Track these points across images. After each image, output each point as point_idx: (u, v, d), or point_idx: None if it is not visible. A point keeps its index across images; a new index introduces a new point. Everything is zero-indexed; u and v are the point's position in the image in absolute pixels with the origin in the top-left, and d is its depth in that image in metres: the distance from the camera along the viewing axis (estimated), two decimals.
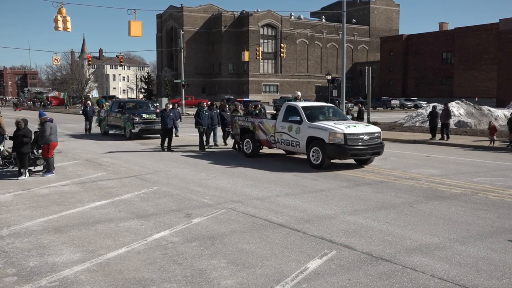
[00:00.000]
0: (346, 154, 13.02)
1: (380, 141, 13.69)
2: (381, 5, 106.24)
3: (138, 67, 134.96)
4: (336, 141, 12.86)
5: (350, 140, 12.88)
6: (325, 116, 14.60)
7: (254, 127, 15.89)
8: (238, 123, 16.92)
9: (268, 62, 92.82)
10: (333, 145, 12.89)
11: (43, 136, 12.67)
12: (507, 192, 10.26)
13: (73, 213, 8.67)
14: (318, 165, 13.30)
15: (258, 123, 15.76)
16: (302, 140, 13.81)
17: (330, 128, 13.07)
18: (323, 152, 13.12)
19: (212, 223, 7.92)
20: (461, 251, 6.45)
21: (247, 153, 16.15)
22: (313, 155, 13.50)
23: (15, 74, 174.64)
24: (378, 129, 13.96)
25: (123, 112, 23.55)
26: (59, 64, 46.86)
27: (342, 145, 12.82)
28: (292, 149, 14.70)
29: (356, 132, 13.07)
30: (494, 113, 29.58)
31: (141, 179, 12.15)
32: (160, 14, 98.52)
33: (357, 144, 13.02)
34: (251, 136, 15.99)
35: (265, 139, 15.48)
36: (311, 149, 13.50)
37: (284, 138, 14.57)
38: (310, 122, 13.73)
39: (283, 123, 14.63)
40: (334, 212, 8.61)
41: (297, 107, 14.44)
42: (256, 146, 15.90)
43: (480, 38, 71.21)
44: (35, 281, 5.51)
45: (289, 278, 5.54)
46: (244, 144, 16.37)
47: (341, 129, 12.98)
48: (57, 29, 23.49)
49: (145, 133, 22.73)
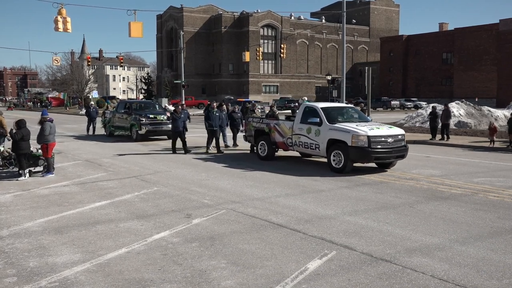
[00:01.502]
0: (370, 157, 12.40)
1: (404, 144, 13.11)
2: (381, 6, 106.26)
3: (138, 68, 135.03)
4: (359, 143, 12.26)
5: (374, 143, 12.30)
6: (345, 117, 13.98)
7: (270, 129, 15.28)
8: (252, 125, 16.30)
9: (268, 63, 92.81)
10: (356, 148, 12.30)
11: (42, 135, 12.68)
12: (507, 192, 10.26)
13: (73, 214, 8.67)
14: (340, 169, 12.69)
15: (274, 125, 15.16)
16: (322, 142, 13.24)
17: (352, 130, 12.48)
18: (345, 156, 12.52)
19: (212, 223, 7.93)
20: (461, 251, 6.45)
21: (261, 155, 15.58)
22: (334, 159, 12.90)
23: (15, 75, 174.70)
24: (402, 131, 13.40)
25: (129, 112, 22.83)
26: (59, 64, 46.84)
27: (365, 148, 12.23)
28: (311, 152, 14.08)
29: (380, 135, 12.50)
30: (494, 114, 29.58)
31: (141, 179, 12.15)
32: (160, 15, 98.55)
33: (381, 147, 12.44)
34: (266, 138, 15.41)
35: (281, 141, 14.90)
36: (332, 152, 12.91)
37: (302, 140, 13.99)
38: (330, 124, 13.14)
39: (301, 125, 14.05)
40: (334, 212, 8.61)
41: (317, 108, 13.84)
42: (272, 149, 15.32)
43: (480, 39, 71.23)
44: (35, 282, 5.51)
45: (289, 278, 5.54)
46: (259, 146, 15.75)
47: (364, 131, 12.39)
48: (57, 30, 23.51)
49: (152, 134, 22.03)
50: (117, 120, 24.06)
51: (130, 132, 22.53)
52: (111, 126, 24.75)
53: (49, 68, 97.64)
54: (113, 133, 24.61)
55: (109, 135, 24.76)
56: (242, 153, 17.65)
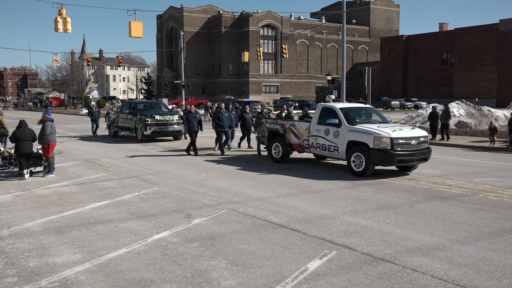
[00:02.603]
0: (393, 160, 11.86)
1: (427, 146, 12.62)
2: (381, 6, 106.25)
3: (138, 68, 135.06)
4: (381, 146, 11.75)
5: (397, 145, 11.78)
6: (365, 118, 13.44)
7: (285, 130, 14.71)
8: (265, 126, 15.67)
9: (268, 63, 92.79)
10: (378, 150, 11.77)
11: (42, 135, 12.69)
12: (507, 192, 10.27)
13: (73, 214, 8.67)
14: (361, 172, 12.16)
15: (289, 126, 14.61)
16: (341, 145, 12.70)
17: (374, 132, 11.95)
18: (367, 158, 11.99)
19: (212, 223, 7.93)
20: (461, 251, 6.45)
21: (276, 158, 15.03)
22: (354, 162, 12.35)
23: (15, 75, 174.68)
24: (425, 133, 12.87)
25: (134, 113, 22.32)
26: (59, 65, 46.81)
27: (388, 151, 11.71)
28: (329, 155, 13.45)
29: (403, 136, 12.00)
30: (494, 114, 29.58)
31: (142, 179, 12.15)
32: (160, 15, 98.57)
33: (404, 149, 11.91)
34: (281, 140, 14.87)
35: (297, 143, 14.33)
36: (352, 155, 12.36)
37: (319, 142, 13.43)
38: (350, 125, 12.60)
39: (318, 126, 13.49)
40: (334, 212, 8.61)
41: (335, 108, 13.24)
42: (287, 151, 14.76)
43: (480, 39, 71.21)
44: (35, 282, 5.51)
45: (289, 278, 5.54)
46: (273, 148, 15.18)
47: (387, 132, 11.87)
48: (58, 30, 23.52)
49: (158, 135, 21.60)
50: (122, 121, 23.54)
51: (135, 133, 22.09)
52: (115, 126, 24.20)
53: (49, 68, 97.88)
54: (117, 134, 24.08)
55: (113, 136, 24.17)
56: (242, 154, 17.63)
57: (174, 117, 21.82)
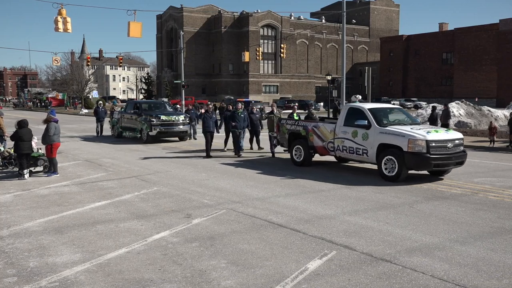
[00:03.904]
0: (429, 164, 11.11)
1: (463, 149, 11.93)
2: (381, 6, 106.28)
3: (138, 68, 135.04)
4: (416, 149, 11.01)
5: (433, 148, 11.06)
6: (395, 119, 12.69)
7: (307, 132, 13.98)
8: (285, 127, 14.90)
9: (268, 63, 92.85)
10: (412, 154, 11.03)
11: (46, 135, 12.70)
12: (507, 192, 10.27)
13: (73, 214, 8.67)
14: (393, 177, 11.40)
15: (312, 128, 13.84)
16: (371, 147, 11.96)
17: (409, 134, 11.20)
18: (400, 163, 11.24)
19: (212, 223, 7.93)
20: (461, 251, 6.45)
21: (297, 161, 14.26)
22: (386, 166, 11.59)
23: (15, 75, 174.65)
24: (461, 135, 12.10)
25: (139, 113, 21.93)
26: (59, 64, 46.79)
27: (423, 154, 10.97)
28: (356, 158, 12.71)
29: (439, 139, 11.28)
30: (494, 114, 29.59)
31: (141, 179, 12.15)
32: (160, 15, 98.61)
33: (441, 153, 11.18)
34: (303, 142, 14.10)
35: (321, 145, 13.55)
36: (384, 158, 11.61)
37: (346, 145, 12.66)
38: (381, 127, 11.87)
39: (345, 127, 12.73)
40: (334, 212, 8.61)
41: (363, 109, 12.50)
42: (309, 154, 13.98)
43: (480, 39, 71.24)
44: (35, 282, 5.51)
45: (289, 278, 5.54)
46: (294, 151, 14.41)
47: (422, 135, 11.15)
48: (57, 30, 23.49)
49: (163, 135, 21.24)
50: (126, 121, 23.15)
51: (140, 133, 21.72)
52: (119, 127, 23.81)
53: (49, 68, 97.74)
54: (121, 134, 23.69)
55: (118, 136, 23.80)
56: (243, 154, 17.62)
57: (179, 117, 21.54)
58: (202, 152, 17.58)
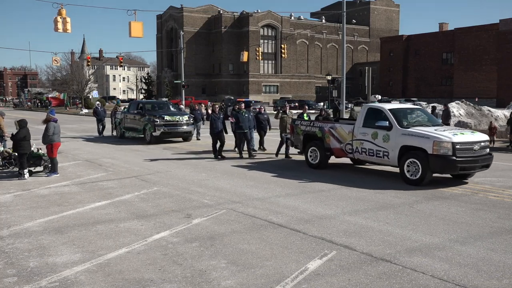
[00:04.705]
0: (455, 167, 10.63)
1: (489, 151, 11.50)
2: (381, 6, 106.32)
3: (138, 68, 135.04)
4: (441, 151, 10.52)
5: (460, 151, 10.57)
6: (416, 120, 12.18)
7: (324, 133, 13.48)
8: (300, 128, 14.45)
9: (268, 63, 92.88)
10: (438, 156, 10.54)
11: (46, 135, 12.70)
12: (507, 192, 10.27)
13: (73, 214, 8.67)
14: (416, 181, 10.94)
15: (329, 129, 13.37)
16: (393, 150, 11.48)
17: (433, 136, 10.73)
18: (424, 166, 10.76)
19: (212, 223, 7.93)
20: (461, 251, 6.45)
21: (312, 163, 13.80)
22: (408, 169, 11.14)
23: (15, 75, 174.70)
24: (487, 137, 11.70)
25: (142, 113, 21.57)
26: (59, 64, 46.85)
27: (449, 157, 10.50)
28: (376, 161, 12.22)
29: (466, 141, 10.79)
30: (494, 114, 29.58)
31: (141, 179, 12.15)
32: (160, 15, 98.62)
33: (467, 156, 10.69)
34: (319, 144, 13.64)
35: (338, 147, 13.09)
36: (406, 161, 11.15)
37: (366, 147, 12.17)
38: (403, 128, 11.39)
39: (364, 129, 12.28)
40: (334, 212, 8.61)
41: (384, 109, 12.05)
42: (325, 156, 13.55)
43: (480, 39, 71.24)
44: (35, 282, 5.51)
45: (289, 278, 5.54)
46: (309, 152, 13.97)
47: (448, 137, 10.67)
48: (57, 30, 23.51)
49: (167, 136, 20.94)
50: (129, 121, 22.83)
51: (144, 134, 21.38)
52: (122, 127, 23.49)
53: (49, 68, 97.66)
54: (124, 135, 23.40)
55: (121, 137, 23.52)
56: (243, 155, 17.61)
57: (183, 118, 21.28)
58: (203, 153, 17.60)
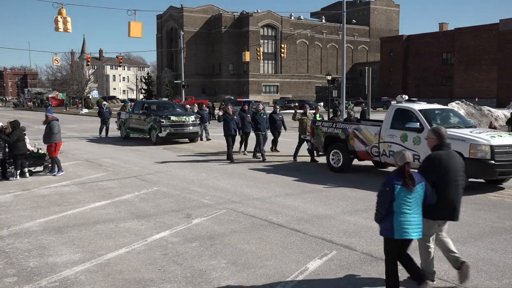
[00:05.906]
0: (493, 172, 9.98)
1: None
2: (381, 6, 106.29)
3: (138, 68, 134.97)
4: (479, 155, 9.89)
5: (498, 154, 9.89)
6: (448, 122, 11.62)
7: (347, 135, 12.93)
8: (321, 130, 13.87)
9: (268, 63, 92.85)
10: (475, 160, 9.85)
11: (50, 134, 12.69)
12: (507, 192, 10.27)
13: (73, 214, 8.67)
14: None
15: (353, 130, 12.80)
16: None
17: (470, 139, 10.08)
18: None
19: (212, 223, 7.93)
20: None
21: (335, 167, 13.23)
22: None
23: (15, 75, 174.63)
24: None
25: (147, 114, 21.13)
26: (59, 64, 46.82)
27: (487, 161, 9.83)
28: None
29: (505, 144, 10.14)
30: (494, 114, 29.62)
31: (141, 179, 12.15)
32: (160, 15, 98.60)
33: (506, 159, 9.99)
34: (341, 146, 13.10)
35: (363, 150, 12.52)
36: None
37: (394, 149, 11.51)
38: None
39: (392, 130, 11.69)
40: (334, 212, 8.61)
41: (414, 110, 11.40)
42: (349, 158, 13.01)
43: (480, 39, 71.20)
44: (35, 282, 5.51)
45: (289, 278, 5.54)
46: (331, 155, 13.42)
47: (485, 139, 10.05)
48: (57, 30, 23.50)
49: (173, 137, 20.65)
50: (134, 122, 22.44)
51: (149, 134, 21.02)
52: (127, 128, 23.09)
53: (49, 68, 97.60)
54: (129, 136, 23.10)
55: (125, 138, 23.13)
56: (242, 155, 17.61)
57: (190, 118, 20.93)
58: (204, 154, 17.59)
